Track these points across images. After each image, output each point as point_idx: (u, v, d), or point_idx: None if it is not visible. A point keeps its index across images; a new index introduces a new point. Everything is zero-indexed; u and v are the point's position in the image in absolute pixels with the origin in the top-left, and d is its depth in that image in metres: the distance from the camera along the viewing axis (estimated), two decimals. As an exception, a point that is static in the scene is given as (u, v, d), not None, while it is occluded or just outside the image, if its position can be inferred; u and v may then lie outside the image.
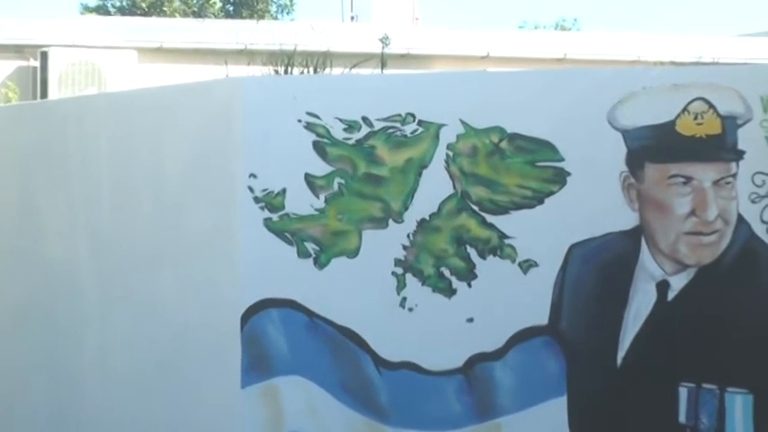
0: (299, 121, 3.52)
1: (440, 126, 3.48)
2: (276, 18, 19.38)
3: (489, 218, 3.47)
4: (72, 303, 4.08)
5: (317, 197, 3.53)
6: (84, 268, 4.06)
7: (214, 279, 3.66)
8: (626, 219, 3.41)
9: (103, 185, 3.99)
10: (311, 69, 7.87)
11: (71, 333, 4.07)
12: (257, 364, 3.52)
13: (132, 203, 3.94)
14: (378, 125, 3.50)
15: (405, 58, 11.37)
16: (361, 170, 3.52)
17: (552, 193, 3.44)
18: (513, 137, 3.45)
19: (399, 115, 3.50)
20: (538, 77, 3.65)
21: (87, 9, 20.99)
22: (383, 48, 9.98)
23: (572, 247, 3.44)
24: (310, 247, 3.53)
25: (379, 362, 3.47)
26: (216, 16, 18.96)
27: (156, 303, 3.84)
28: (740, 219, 3.31)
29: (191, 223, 3.77)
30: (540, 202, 3.46)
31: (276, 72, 8.05)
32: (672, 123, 3.33)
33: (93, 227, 4.02)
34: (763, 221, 3.31)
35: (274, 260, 3.53)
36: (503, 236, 3.47)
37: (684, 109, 3.30)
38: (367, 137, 3.51)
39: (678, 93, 3.33)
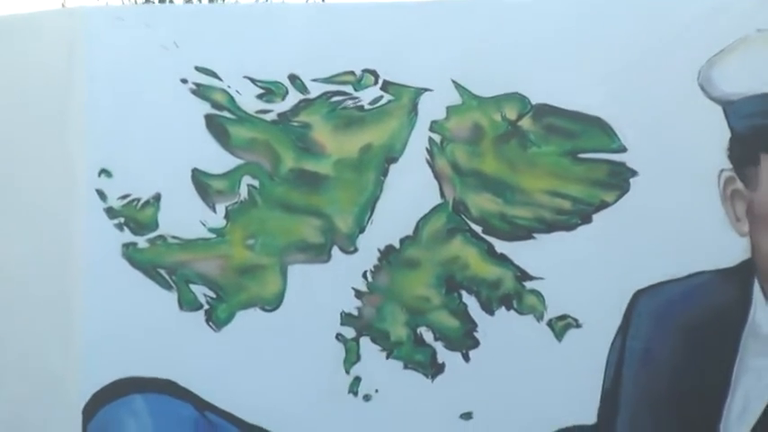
0: (184, 81, 3.38)
1: (419, 91, 3.35)
2: None
3: (501, 245, 3.34)
4: None
5: (213, 209, 3.39)
6: None
7: (35, 348, 3.50)
8: (728, 248, 3.28)
9: None
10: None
11: None
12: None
13: None
14: (315, 89, 3.38)
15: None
16: (286, 165, 3.38)
17: (606, 204, 3.30)
18: (542, 110, 3.32)
19: (351, 73, 3.37)
20: (583, 7, 3.41)
21: None
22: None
23: (637, 296, 3.30)
24: (201, 292, 3.39)
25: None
26: None
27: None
28: None
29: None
30: (586, 219, 3.31)
31: (145, -1, 7.85)
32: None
33: None
34: None
35: (140, 314, 3.38)
36: (522, 276, 3.32)
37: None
38: (297, 109, 3.38)
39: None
